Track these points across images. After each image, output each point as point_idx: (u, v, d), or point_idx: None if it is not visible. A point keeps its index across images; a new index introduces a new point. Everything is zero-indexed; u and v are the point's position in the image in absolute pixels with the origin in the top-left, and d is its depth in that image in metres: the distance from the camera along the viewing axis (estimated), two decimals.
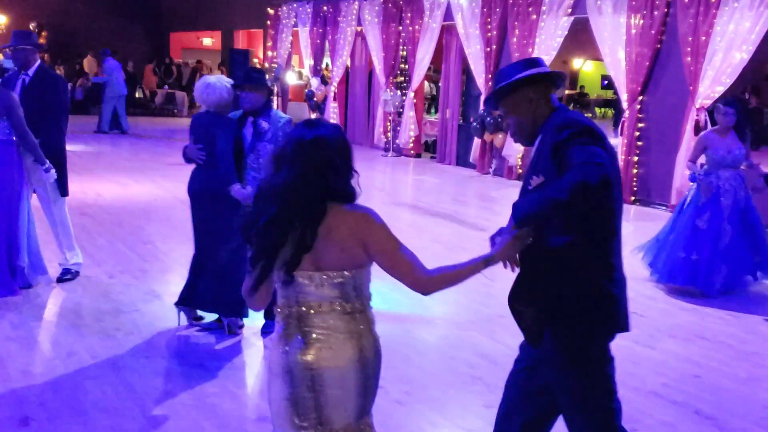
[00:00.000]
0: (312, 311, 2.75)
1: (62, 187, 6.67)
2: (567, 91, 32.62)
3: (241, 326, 5.72)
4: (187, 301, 5.65)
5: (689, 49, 10.80)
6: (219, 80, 5.59)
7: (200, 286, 5.57)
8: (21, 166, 6.35)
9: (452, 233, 9.53)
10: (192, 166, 5.66)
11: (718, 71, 10.51)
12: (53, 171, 6.40)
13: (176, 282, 6.96)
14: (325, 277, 2.73)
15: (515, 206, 2.85)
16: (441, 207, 11.30)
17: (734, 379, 5.24)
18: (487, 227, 9.76)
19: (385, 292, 6.87)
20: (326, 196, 2.73)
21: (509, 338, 5.80)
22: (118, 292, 6.58)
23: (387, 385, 4.68)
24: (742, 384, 5.17)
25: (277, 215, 2.66)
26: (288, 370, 2.72)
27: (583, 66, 31.52)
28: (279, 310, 2.79)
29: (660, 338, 6.02)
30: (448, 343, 5.78)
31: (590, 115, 27.15)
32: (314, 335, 2.73)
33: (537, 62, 3.17)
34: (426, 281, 2.92)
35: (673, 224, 7.36)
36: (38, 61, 6.73)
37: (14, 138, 6.23)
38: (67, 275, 6.83)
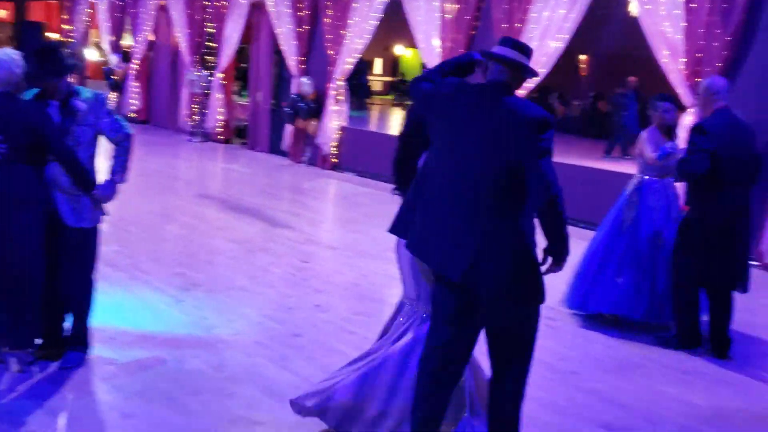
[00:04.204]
0: None
1: None
2: (387, 78, 32.47)
3: (32, 362, 4.60)
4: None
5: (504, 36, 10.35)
6: (5, 54, 4.39)
7: None
8: None
9: (256, 231, 8.60)
10: None
11: (533, 60, 10.10)
12: None
13: None
14: None
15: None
16: (248, 200, 10.32)
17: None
18: (294, 225, 8.95)
19: (162, 308, 5.91)
20: None
21: (302, 364, 5.00)
22: None
23: None
24: None
25: None
26: None
27: (404, 53, 31.31)
28: None
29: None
30: (227, 374, 4.84)
31: (410, 102, 26.92)
32: None
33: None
34: None
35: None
36: None
37: None
38: None
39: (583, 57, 24.44)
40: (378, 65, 32.19)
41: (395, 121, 21.78)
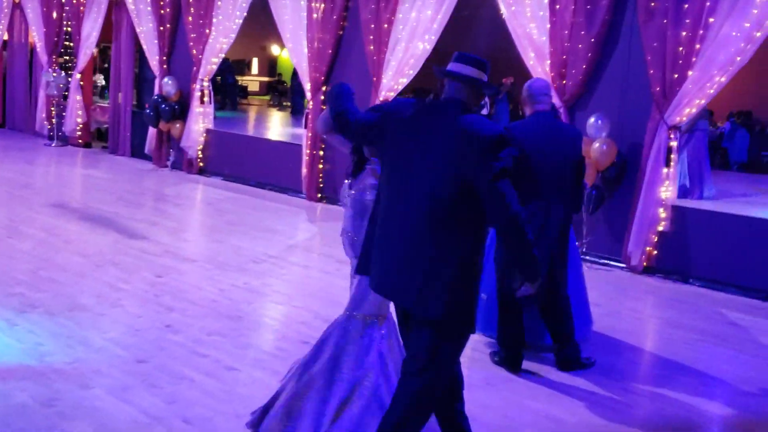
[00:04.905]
0: None
1: None
2: (265, 78, 31.84)
3: None
4: None
5: (372, 37, 10.10)
6: None
7: None
8: None
9: (108, 243, 8.01)
10: None
11: (401, 61, 9.90)
12: None
13: None
14: None
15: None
16: (103, 209, 9.67)
17: None
18: (151, 235, 8.41)
19: None
20: None
21: (144, 395, 4.54)
22: None
23: None
24: None
25: None
26: None
27: (281, 53, 30.80)
28: None
29: None
30: (58, 409, 4.32)
31: (288, 104, 26.41)
32: None
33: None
34: None
35: None
36: None
37: None
38: None
39: None
40: (255, 65, 31.58)
41: (271, 123, 21.29)
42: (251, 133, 16.82)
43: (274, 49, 30.95)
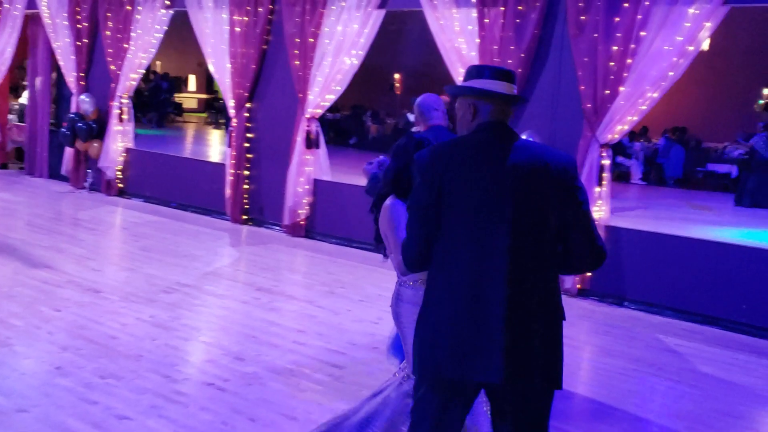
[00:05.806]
0: None
1: None
2: (202, 95, 31.16)
3: None
4: None
5: (297, 51, 9.65)
6: None
7: None
8: None
9: (5, 274, 7.39)
10: None
11: (328, 77, 9.47)
12: None
13: None
14: None
15: None
16: (8, 236, 9.01)
17: None
18: (55, 264, 7.82)
19: None
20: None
21: None
22: None
23: None
24: None
25: None
26: None
27: None
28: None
29: None
30: None
31: (223, 121, 25.80)
32: None
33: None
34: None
35: None
36: None
37: None
38: None
39: (397, 76, 24.32)
40: (192, 82, 30.93)
41: (203, 141, 20.68)
42: (188, 153, 16.26)
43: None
